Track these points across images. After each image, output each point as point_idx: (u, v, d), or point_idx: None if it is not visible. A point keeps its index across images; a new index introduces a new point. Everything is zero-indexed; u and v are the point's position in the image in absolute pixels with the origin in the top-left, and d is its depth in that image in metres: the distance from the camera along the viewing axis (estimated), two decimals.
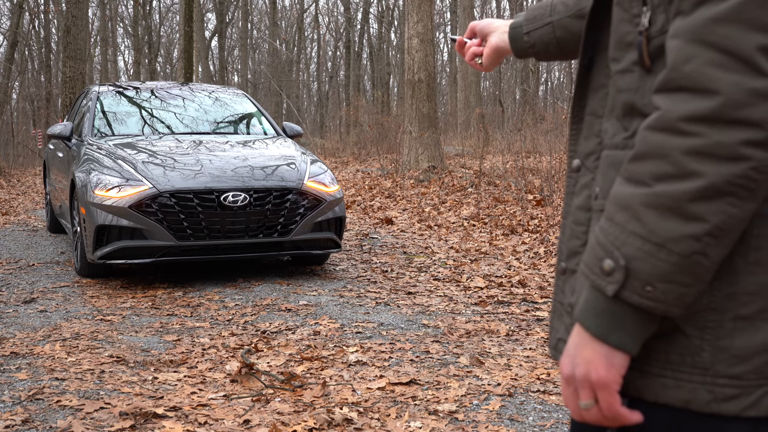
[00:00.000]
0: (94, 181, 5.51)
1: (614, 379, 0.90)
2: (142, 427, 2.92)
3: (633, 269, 0.86)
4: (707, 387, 0.89)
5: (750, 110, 0.81)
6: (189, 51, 17.15)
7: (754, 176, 0.82)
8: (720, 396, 0.89)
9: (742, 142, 0.81)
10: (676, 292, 0.86)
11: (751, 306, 0.88)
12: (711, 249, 0.84)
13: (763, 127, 0.81)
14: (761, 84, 0.80)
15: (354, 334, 4.25)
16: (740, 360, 0.88)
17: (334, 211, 5.84)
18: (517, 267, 6.21)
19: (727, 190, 0.82)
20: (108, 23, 36.15)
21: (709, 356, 0.89)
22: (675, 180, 0.84)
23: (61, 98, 15.34)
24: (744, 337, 0.88)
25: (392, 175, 13.04)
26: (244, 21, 35.50)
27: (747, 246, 0.88)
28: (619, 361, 0.90)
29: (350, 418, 2.98)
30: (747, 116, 0.81)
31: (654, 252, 0.85)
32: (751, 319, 0.88)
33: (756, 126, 0.81)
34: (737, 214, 0.83)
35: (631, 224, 0.87)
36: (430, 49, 12.59)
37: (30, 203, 11.87)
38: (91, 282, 5.72)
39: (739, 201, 0.83)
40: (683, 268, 0.85)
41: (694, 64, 0.83)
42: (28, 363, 3.70)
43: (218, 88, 8.06)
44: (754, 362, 0.88)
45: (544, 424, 2.96)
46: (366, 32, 37.66)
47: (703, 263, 0.85)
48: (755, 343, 0.88)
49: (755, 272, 0.88)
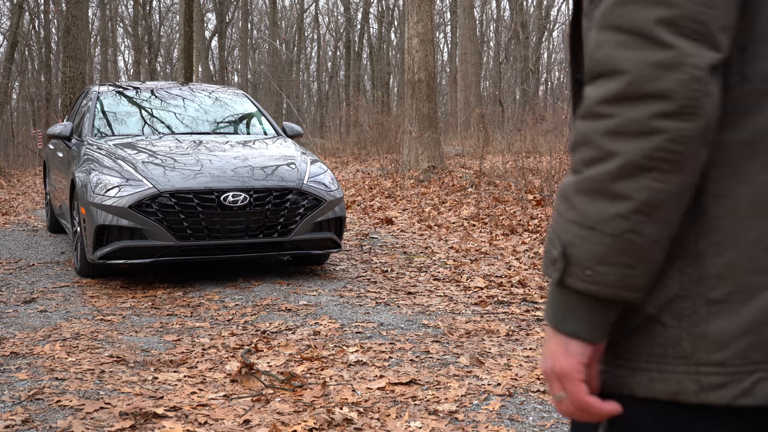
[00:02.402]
0: (94, 181, 5.51)
1: (574, 368, 0.90)
2: (142, 427, 2.92)
3: (571, 255, 0.87)
4: (692, 377, 0.87)
5: (656, 83, 0.81)
6: (189, 51, 17.15)
7: (673, 148, 0.82)
8: (707, 385, 0.86)
9: (652, 116, 0.81)
10: (617, 274, 0.85)
11: (721, 289, 0.86)
12: (643, 226, 0.84)
13: (672, 97, 0.81)
14: (663, 56, 0.81)
15: (354, 334, 4.25)
16: (720, 346, 0.86)
17: (334, 211, 5.83)
18: (517, 267, 6.21)
19: (646, 165, 0.82)
20: (108, 23, 36.15)
21: (688, 345, 0.87)
22: (598, 163, 0.84)
23: (61, 98, 15.34)
24: (719, 321, 0.86)
25: (392, 175, 13.04)
26: (244, 21, 35.50)
27: (708, 227, 0.86)
28: (575, 349, 0.89)
29: (350, 418, 2.98)
30: (654, 89, 0.81)
31: (588, 236, 0.85)
32: (724, 303, 0.86)
33: (664, 98, 0.81)
34: (664, 189, 0.83)
35: (569, 212, 0.87)
36: (430, 49, 12.59)
37: (30, 203, 11.87)
38: (91, 282, 5.72)
39: (663, 175, 0.82)
40: (618, 249, 0.84)
41: (605, 49, 0.84)
42: (28, 363, 3.70)
43: (218, 88, 8.06)
44: (736, 347, 0.85)
45: (544, 424, 2.96)
46: (366, 32, 37.66)
47: (637, 241, 0.84)
48: (732, 327, 0.85)
49: (720, 254, 0.86)
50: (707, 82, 0.81)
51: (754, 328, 0.84)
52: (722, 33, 0.82)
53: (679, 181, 0.83)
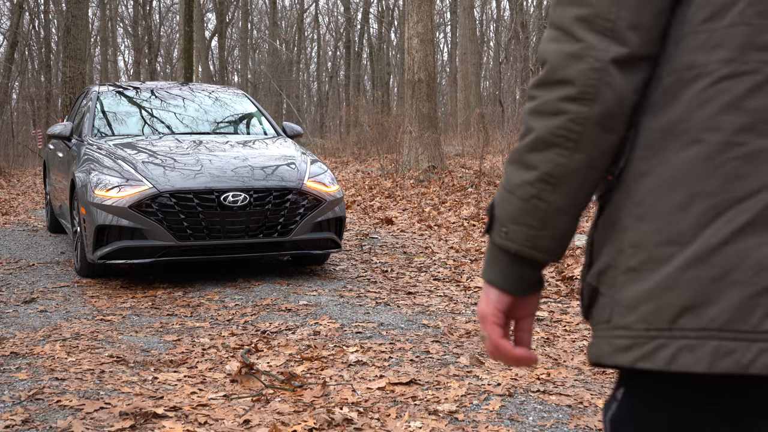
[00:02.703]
0: (94, 181, 5.51)
1: (489, 311, 1.02)
2: (142, 427, 2.92)
3: (495, 214, 1.01)
4: (608, 340, 0.93)
5: (565, 71, 0.93)
6: (189, 51, 17.15)
7: (572, 128, 0.93)
8: (617, 347, 0.92)
9: (559, 99, 0.93)
10: (524, 233, 0.98)
11: (635, 258, 0.91)
12: (546, 194, 0.96)
13: (574, 84, 0.92)
14: (574, 48, 0.93)
15: (354, 334, 4.25)
16: (629, 310, 0.91)
17: (334, 211, 5.83)
18: None
19: (552, 141, 0.94)
20: (108, 23, 36.15)
21: (609, 310, 0.93)
22: (522, 137, 0.98)
23: (61, 98, 15.34)
24: (631, 287, 0.91)
25: (392, 175, 13.04)
26: (244, 21, 35.49)
27: (632, 202, 0.93)
28: (493, 296, 1.02)
29: (350, 418, 2.98)
30: (563, 76, 0.93)
31: (506, 198, 0.99)
32: (637, 270, 0.91)
33: (569, 83, 0.93)
34: (566, 164, 0.94)
35: (503, 178, 1.02)
36: (430, 49, 12.59)
37: (30, 203, 11.87)
38: (91, 282, 5.72)
39: (566, 151, 0.94)
40: (525, 211, 0.97)
41: (543, 43, 0.97)
42: (28, 363, 3.70)
43: (218, 88, 8.05)
44: (640, 311, 0.90)
45: (544, 424, 2.96)
46: (366, 32, 37.66)
47: (541, 207, 0.97)
48: (639, 291, 0.90)
49: (638, 227, 0.92)
50: (608, 72, 0.92)
51: (656, 296, 0.89)
52: (631, 31, 0.92)
53: (578, 159, 0.94)
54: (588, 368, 3.65)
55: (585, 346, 4.02)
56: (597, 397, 3.24)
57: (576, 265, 6.05)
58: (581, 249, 6.58)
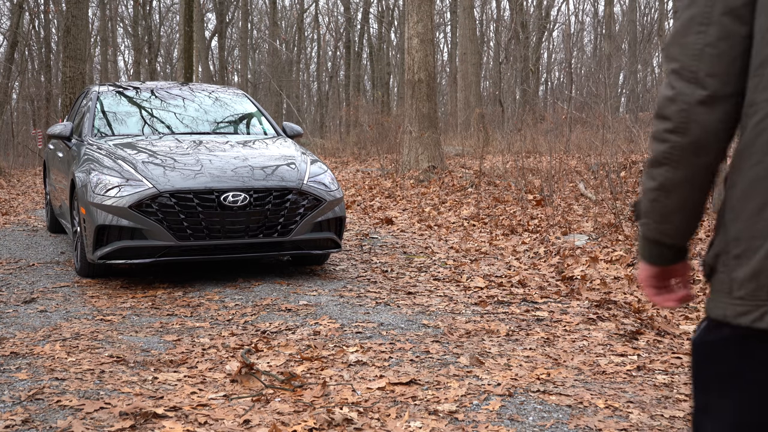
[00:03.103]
0: (94, 181, 5.51)
1: (643, 280, 1.46)
2: (142, 427, 2.92)
3: (637, 209, 1.41)
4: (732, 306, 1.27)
5: (665, 110, 1.29)
6: (189, 51, 17.15)
7: (673, 152, 1.29)
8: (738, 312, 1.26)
9: (664, 130, 1.30)
10: (652, 225, 1.37)
11: (739, 247, 1.26)
12: (663, 198, 1.33)
13: (672, 120, 1.28)
14: (670, 93, 1.28)
15: (354, 334, 4.25)
16: (740, 286, 1.26)
17: (334, 211, 5.83)
18: (517, 267, 6.21)
19: (662, 161, 1.31)
20: (108, 23, 36.14)
21: (729, 285, 1.28)
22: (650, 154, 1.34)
23: (61, 98, 15.34)
24: (739, 270, 1.26)
25: (392, 175, 13.04)
26: (244, 21, 35.49)
27: (729, 207, 1.28)
28: (643, 267, 1.44)
29: (350, 418, 2.98)
30: (664, 114, 1.29)
31: (642, 198, 1.38)
32: (740, 257, 1.25)
33: (668, 119, 1.28)
34: (672, 178, 1.31)
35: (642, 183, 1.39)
36: (430, 49, 12.59)
37: (30, 203, 11.87)
38: (91, 282, 5.72)
39: (671, 169, 1.30)
40: (651, 209, 1.36)
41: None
42: (28, 363, 3.70)
43: (218, 88, 8.05)
44: (748, 287, 1.24)
45: (544, 424, 2.96)
46: (366, 32, 37.65)
47: (659, 207, 1.35)
48: (746, 273, 1.24)
49: (734, 225, 1.26)
50: (695, 111, 1.25)
51: (756, 275, 1.23)
52: (710, 77, 1.24)
53: (680, 175, 1.30)
54: (588, 368, 3.65)
55: (585, 346, 4.02)
56: (597, 397, 3.24)
57: (576, 265, 6.05)
58: (581, 249, 6.58)
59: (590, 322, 4.49)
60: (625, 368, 3.64)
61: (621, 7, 37.40)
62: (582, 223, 7.83)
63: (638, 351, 3.93)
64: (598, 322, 4.48)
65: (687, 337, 4.21)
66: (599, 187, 10.02)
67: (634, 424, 2.96)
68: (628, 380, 3.49)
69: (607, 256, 6.20)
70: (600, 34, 33.75)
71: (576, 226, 7.73)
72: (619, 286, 5.38)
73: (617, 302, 4.93)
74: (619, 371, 3.61)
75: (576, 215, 8.40)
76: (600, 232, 7.26)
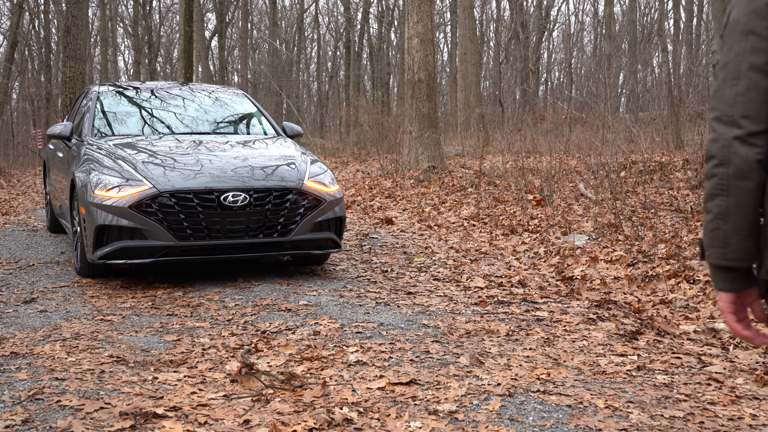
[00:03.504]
0: (94, 181, 5.51)
1: (723, 307, 1.62)
2: (142, 427, 2.92)
3: (702, 244, 1.62)
4: None
5: (711, 150, 1.56)
6: (189, 51, 17.15)
7: (722, 183, 1.54)
8: None
9: (712, 166, 1.56)
10: (717, 253, 1.57)
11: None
12: (721, 225, 1.55)
13: (716, 157, 1.54)
14: (713, 136, 1.55)
15: (354, 334, 4.25)
16: None
17: (334, 211, 5.83)
18: (517, 267, 6.21)
19: (715, 193, 1.56)
20: (108, 23, 36.14)
21: None
22: (705, 193, 1.59)
23: (61, 98, 15.34)
24: None
25: (392, 175, 13.04)
26: (244, 21, 35.49)
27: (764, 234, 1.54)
28: (722, 296, 1.62)
29: (350, 418, 2.98)
30: (710, 153, 1.56)
31: (704, 233, 1.60)
32: None
33: (714, 157, 1.55)
34: (726, 205, 1.54)
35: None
36: (430, 49, 12.59)
37: (30, 203, 11.87)
38: (91, 282, 5.72)
39: (724, 197, 1.54)
40: (713, 238, 1.57)
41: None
42: (28, 363, 3.70)
43: (218, 88, 8.05)
44: None
45: (544, 424, 2.96)
46: (366, 32, 37.65)
47: (720, 234, 1.56)
48: None
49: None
50: (732, 146, 1.52)
51: None
52: (744, 119, 1.51)
53: (733, 200, 1.53)
54: (588, 368, 3.66)
55: (585, 346, 4.02)
56: (597, 397, 3.24)
57: (576, 265, 6.05)
58: (581, 249, 6.58)
59: (590, 322, 4.49)
60: (625, 368, 3.64)
61: (621, 7, 37.42)
62: (582, 223, 7.83)
63: (638, 351, 3.93)
64: (598, 322, 4.48)
65: (687, 337, 4.21)
66: (599, 187, 10.02)
67: (634, 424, 2.96)
68: (628, 380, 3.49)
69: (607, 256, 6.20)
70: (600, 34, 33.76)
71: (576, 226, 7.73)
72: (619, 286, 5.38)
73: (617, 302, 4.93)
74: (619, 371, 3.61)
75: (576, 215, 8.40)
76: (600, 232, 7.27)
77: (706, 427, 2.95)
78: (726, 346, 4.02)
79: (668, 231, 7.07)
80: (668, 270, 5.57)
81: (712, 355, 3.86)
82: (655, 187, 9.97)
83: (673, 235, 6.78)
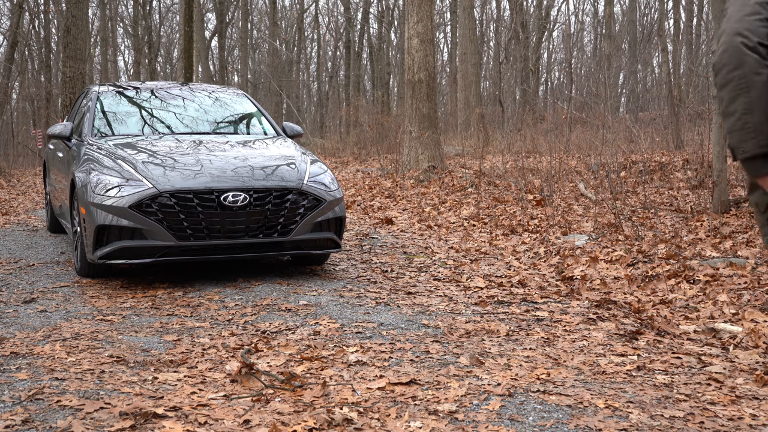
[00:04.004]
0: (94, 181, 5.51)
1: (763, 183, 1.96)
2: (142, 427, 2.92)
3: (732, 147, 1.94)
4: None
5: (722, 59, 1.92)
6: (189, 51, 17.15)
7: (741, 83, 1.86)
8: None
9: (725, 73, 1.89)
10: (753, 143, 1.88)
11: None
12: (749, 118, 1.88)
13: (731, 63, 1.87)
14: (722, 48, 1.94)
15: (354, 334, 4.25)
16: None
17: (334, 211, 5.83)
18: (517, 267, 6.21)
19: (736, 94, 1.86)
20: (108, 23, 36.14)
21: None
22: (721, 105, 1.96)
23: (61, 98, 15.34)
24: None
25: (392, 175, 13.04)
26: (244, 21, 35.49)
27: None
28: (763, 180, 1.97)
29: (350, 418, 2.98)
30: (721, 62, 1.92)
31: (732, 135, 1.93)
32: None
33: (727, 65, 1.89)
34: (749, 100, 1.87)
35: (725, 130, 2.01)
36: (430, 49, 12.59)
37: (30, 203, 11.87)
38: (91, 282, 5.72)
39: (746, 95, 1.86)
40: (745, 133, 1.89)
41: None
42: (28, 363, 3.70)
43: (218, 88, 8.05)
44: None
45: (544, 424, 2.96)
46: (366, 32, 37.65)
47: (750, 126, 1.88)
48: None
49: None
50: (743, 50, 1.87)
51: None
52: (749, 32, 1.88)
53: (755, 94, 1.85)
54: (588, 368, 3.66)
55: (585, 346, 4.02)
56: (597, 397, 3.24)
57: (576, 265, 6.05)
58: (581, 249, 6.58)
59: (590, 322, 4.49)
60: (625, 368, 3.65)
61: (621, 7, 37.41)
62: (582, 223, 7.83)
63: (638, 351, 3.93)
64: (598, 322, 4.48)
65: (687, 337, 4.21)
66: (599, 187, 10.02)
67: (634, 424, 2.96)
68: (628, 380, 3.49)
69: (607, 256, 6.20)
70: (600, 34, 33.75)
71: (576, 226, 7.73)
72: (619, 286, 5.39)
73: (617, 302, 4.93)
74: (619, 371, 3.61)
75: (576, 215, 8.40)
76: (600, 232, 7.27)
77: (706, 427, 2.95)
78: (726, 346, 4.02)
79: (668, 231, 7.07)
80: (668, 270, 5.57)
81: (712, 355, 3.86)
82: (655, 187, 9.98)
83: (673, 235, 6.79)
